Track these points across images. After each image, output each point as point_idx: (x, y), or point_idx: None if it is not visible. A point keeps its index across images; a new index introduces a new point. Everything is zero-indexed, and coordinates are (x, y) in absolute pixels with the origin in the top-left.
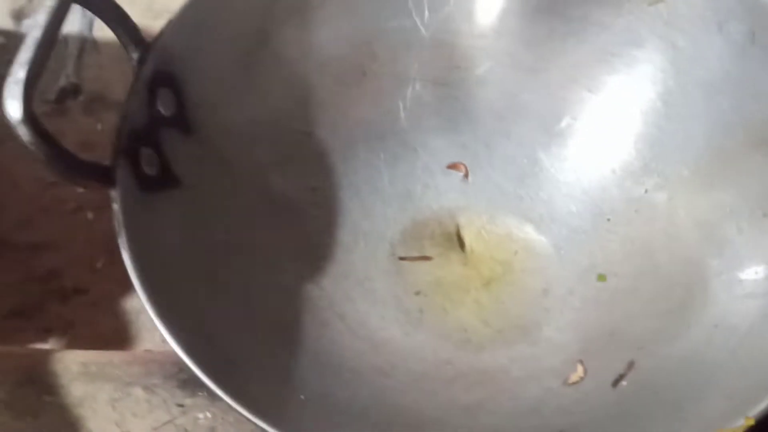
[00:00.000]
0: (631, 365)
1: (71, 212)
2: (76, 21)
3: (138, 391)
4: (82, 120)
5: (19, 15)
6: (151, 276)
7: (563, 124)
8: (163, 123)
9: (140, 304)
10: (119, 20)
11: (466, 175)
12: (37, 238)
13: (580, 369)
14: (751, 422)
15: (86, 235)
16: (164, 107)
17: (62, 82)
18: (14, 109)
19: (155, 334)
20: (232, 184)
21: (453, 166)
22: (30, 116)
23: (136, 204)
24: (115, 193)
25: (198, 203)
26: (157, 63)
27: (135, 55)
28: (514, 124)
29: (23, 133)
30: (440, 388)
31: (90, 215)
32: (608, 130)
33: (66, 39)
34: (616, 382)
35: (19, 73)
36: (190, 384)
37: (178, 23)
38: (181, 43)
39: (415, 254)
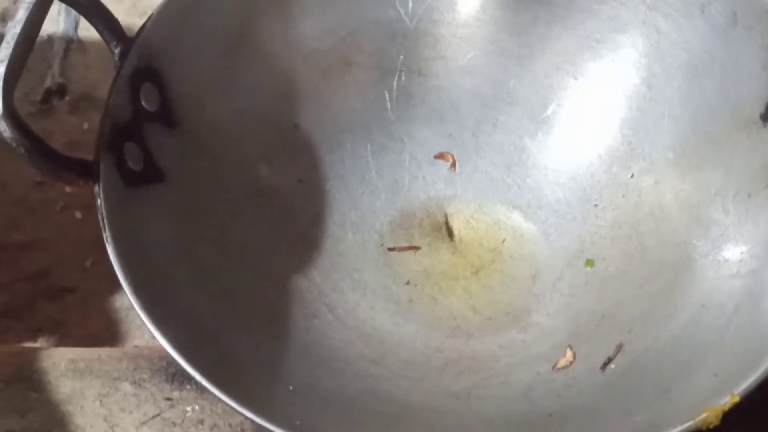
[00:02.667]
0: (619, 348)
1: (59, 212)
2: (61, 21)
3: (126, 386)
4: (69, 120)
5: (4, 17)
6: (136, 270)
7: (549, 111)
8: (147, 118)
9: (130, 302)
10: (100, 15)
11: (453, 165)
12: (25, 239)
13: (569, 354)
14: (737, 399)
15: (75, 234)
16: (148, 102)
17: (48, 82)
18: None
19: (145, 331)
20: (218, 177)
21: (440, 156)
22: (10, 112)
23: (121, 199)
24: (98, 189)
25: (184, 197)
26: (139, 58)
27: (117, 51)
28: (500, 112)
29: (4, 129)
30: (430, 375)
31: (78, 214)
32: (594, 115)
33: (51, 39)
34: (604, 365)
35: None
36: (178, 377)
37: (160, 18)
38: (162, 37)
39: (404, 244)
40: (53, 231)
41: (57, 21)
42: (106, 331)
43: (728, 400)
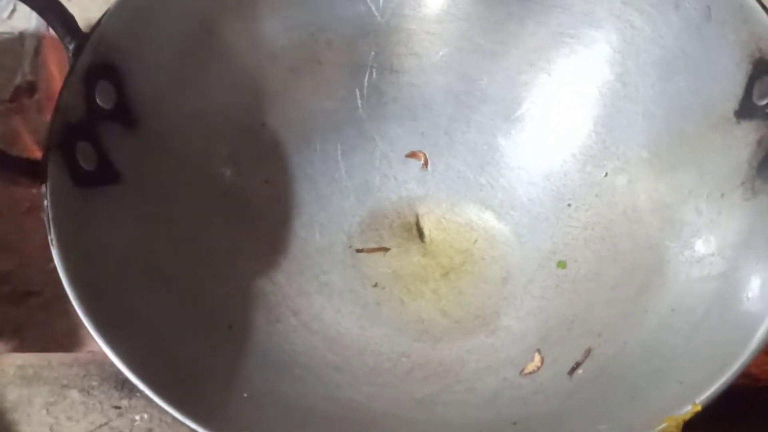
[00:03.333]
0: (587, 353)
1: (25, 213)
2: (33, 18)
3: (74, 394)
4: (38, 119)
5: None
6: (83, 274)
7: (523, 108)
8: (103, 116)
9: None
10: (52, 9)
11: (425, 164)
12: None
13: (537, 358)
14: (698, 408)
15: (40, 236)
16: (103, 100)
17: (18, 80)
18: None
19: None
20: (179, 178)
21: (412, 155)
22: None
23: (70, 200)
24: (45, 189)
25: (141, 199)
26: (94, 54)
27: (71, 47)
28: (473, 110)
29: None
30: (395, 381)
31: (44, 216)
32: (568, 113)
33: (23, 36)
34: (572, 371)
35: None
36: (128, 385)
37: (117, 12)
38: (120, 33)
39: (373, 246)
40: (18, 233)
41: (29, 18)
42: (65, 336)
43: (690, 408)
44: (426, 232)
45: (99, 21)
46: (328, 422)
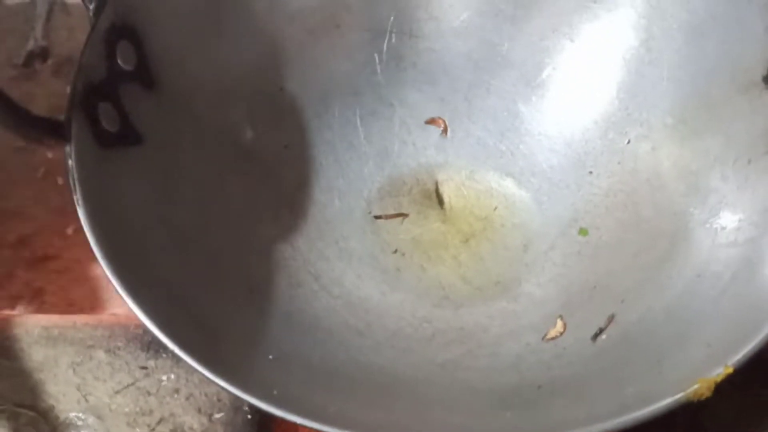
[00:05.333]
0: (611, 319)
1: (41, 178)
2: None
3: (100, 354)
4: (52, 83)
5: None
6: (109, 234)
7: (544, 75)
8: (124, 77)
9: None
10: None
11: (444, 131)
12: (5, 206)
13: (559, 324)
14: (730, 371)
15: (56, 201)
16: (124, 61)
17: (31, 45)
18: None
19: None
20: (199, 140)
21: (431, 121)
22: None
23: (94, 160)
24: (69, 149)
25: (163, 160)
26: (114, 14)
27: (92, 7)
28: (493, 76)
29: None
30: (416, 346)
31: (60, 181)
32: (590, 80)
33: (34, 1)
34: (595, 336)
35: None
36: (154, 346)
37: None
38: None
39: (392, 212)
40: (35, 198)
41: None
42: (85, 299)
43: (722, 371)
44: (446, 199)
45: None
46: (350, 385)
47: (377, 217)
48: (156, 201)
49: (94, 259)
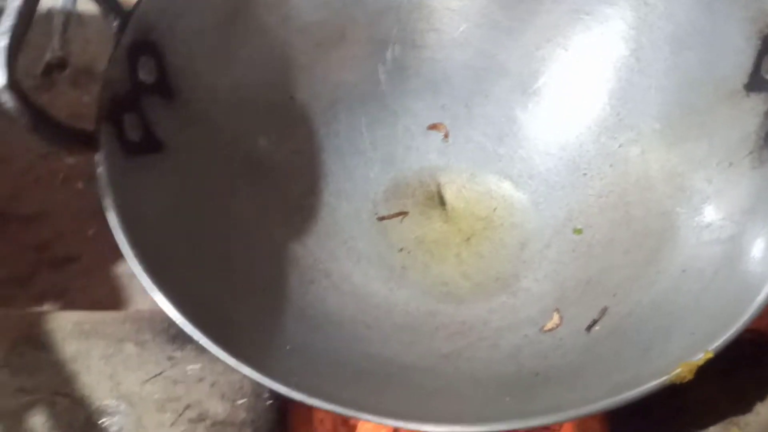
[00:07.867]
0: (604, 311)
1: (62, 183)
2: None
3: (129, 347)
4: (70, 93)
5: None
6: (136, 237)
7: (539, 82)
8: (146, 89)
9: (131, 270)
10: None
11: (446, 136)
12: (29, 210)
13: (556, 317)
14: (710, 355)
15: (77, 204)
16: (146, 74)
17: (48, 56)
18: None
19: (147, 297)
20: (215, 148)
21: (433, 127)
22: (14, 83)
23: (120, 167)
24: (99, 157)
25: (182, 167)
26: (136, 31)
27: (115, 24)
28: (492, 84)
29: (8, 99)
30: (421, 338)
31: (80, 185)
32: (583, 87)
33: (51, 13)
34: (589, 327)
35: (1, 41)
36: (179, 338)
37: None
38: (159, 10)
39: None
40: (56, 202)
41: None
42: (108, 298)
43: (702, 356)
44: (448, 200)
45: (139, 0)
46: (362, 375)
47: (381, 218)
48: (175, 205)
49: (116, 259)
